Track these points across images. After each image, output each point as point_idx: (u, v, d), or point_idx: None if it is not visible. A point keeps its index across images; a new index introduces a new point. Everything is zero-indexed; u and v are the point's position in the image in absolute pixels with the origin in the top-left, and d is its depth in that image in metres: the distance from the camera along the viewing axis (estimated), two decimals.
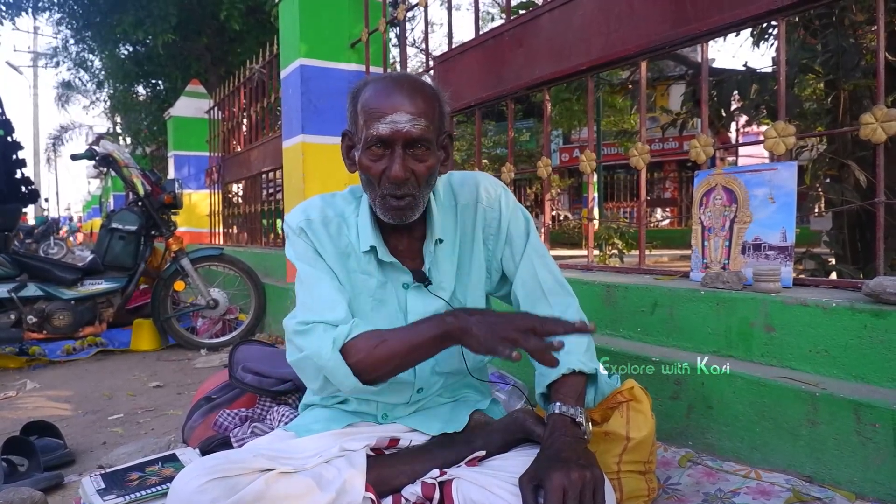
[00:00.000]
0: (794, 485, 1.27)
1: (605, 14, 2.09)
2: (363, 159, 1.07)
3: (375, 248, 1.15)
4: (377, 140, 1.04)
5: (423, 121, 1.05)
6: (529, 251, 1.22)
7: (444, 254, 1.20)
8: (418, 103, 1.05)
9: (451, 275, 1.21)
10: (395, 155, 1.04)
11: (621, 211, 16.07)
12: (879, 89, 1.51)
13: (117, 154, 3.64)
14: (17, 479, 1.63)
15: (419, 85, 1.08)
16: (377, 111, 1.04)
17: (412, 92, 1.06)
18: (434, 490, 1.04)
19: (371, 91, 1.08)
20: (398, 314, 1.18)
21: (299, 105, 3.57)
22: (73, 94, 17.87)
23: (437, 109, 1.09)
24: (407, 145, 1.05)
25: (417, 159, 1.06)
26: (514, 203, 1.25)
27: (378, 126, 1.03)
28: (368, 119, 1.05)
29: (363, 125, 1.06)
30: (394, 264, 1.16)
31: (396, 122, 1.03)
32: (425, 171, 1.07)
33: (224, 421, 1.71)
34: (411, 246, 1.19)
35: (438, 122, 1.10)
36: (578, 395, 1.09)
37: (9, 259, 3.35)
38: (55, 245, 8.75)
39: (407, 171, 1.05)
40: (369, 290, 1.17)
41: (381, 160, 1.06)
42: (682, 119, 4.24)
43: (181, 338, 3.67)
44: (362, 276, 1.17)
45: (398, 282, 1.18)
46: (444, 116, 1.13)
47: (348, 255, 1.18)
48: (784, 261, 1.58)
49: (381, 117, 1.03)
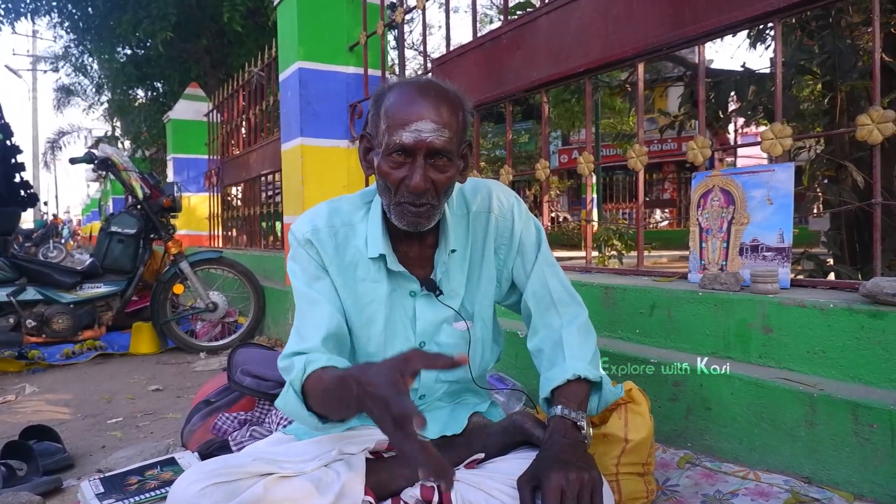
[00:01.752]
0: (792, 486, 1.27)
1: (602, 16, 2.09)
2: (383, 165, 1.05)
3: (384, 256, 1.14)
4: (399, 148, 1.01)
5: (447, 132, 1.02)
6: (541, 261, 1.23)
7: (456, 263, 1.19)
8: (443, 113, 1.02)
9: (461, 283, 1.20)
10: (416, 164, 1.02)
11: (620, 212, 16.07)
12: (876, 90, 1.51)
13: (116, 157, 3.65)
14: (15, 483, 1.63)
15: (445, 93, 1.06)
16: (401, 118, 1.01)
17: (438, 101, 1.03)
18: (433, 493, 1.04)
19: (396, 96, 1.05)
20: (407, 322, 1.18)
21: (298, 108, 3.58)
22: (72, 98, 17.89)
23: (461, 119, 1.07)
24: (429, 155, 1.02)
25: (438, 170, 1.04)
26: (527, 213, 1.25)
27: (402, 134, 1.01)
28: (391, 125, 1.02)
29: (385, 130, 1.03)
30: (402, 273, 1.15)
31: (420, 132, 1.00)
32: (445, 181, 1.05)
33: (223, 424, 1.71)
34: (422, 253, 1.18)
35: (461, 133, 1.08)
36: (581, 400, 1.09)
37: (8, 263, 3.35)
38: (54, 248, 8.74)
39: (427, 181, 1.02)
40: (380, 298, 1.16)
41: (402, 168, 1.03)
42: (680, 120, 4.24)
43: (180, 341, 3.67)
44: (371, 284, 1.16)
45: (405, 290, 1.18)
46: (466, 126, 1.10)
47: (356, 264, 1.16)
48: (782, 262, 1.58)
49: (405, 125, 1.01)
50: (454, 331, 1.20)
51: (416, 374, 0.80)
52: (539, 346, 1.20)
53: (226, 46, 9.37)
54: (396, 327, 1.17)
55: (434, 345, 1.19)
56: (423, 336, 1.19)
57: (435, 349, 1.18)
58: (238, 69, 5.71)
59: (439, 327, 1.19)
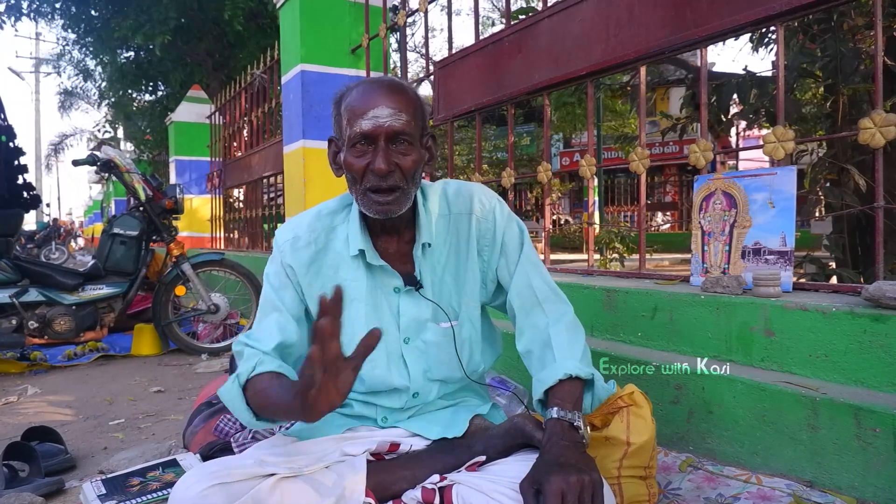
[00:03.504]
0: (794, 490, 1.27)
1: (604, 19, 2.10)
2: (348, 157, 1.10)
3: (363, 252, 1.16)
4: (360, 136, 1.07)
5: (404, 115, 1.07)
6: (524, 261, 1.23)
7: (436, 259, 1.21)
8: (398, 99, 1.08)
9: (444, 279, 1.21)
10: (378, 149, 1.07)
11: (622, 215, 16.07)
12: (878, 94, 1.51)
13: (119, 159, 3.65)
14: (18, 484, 1.63)
15: (399, 84, 1.12)
16: (359, 109, 1.07)
17: (392, 90, 1.09)
18: (434, 495, 1.04)
19: (353, 93, 1.11)
20: (391, 319, 1.19)
21: (300, 110, 3.59)
22: (74, 101, 17.94)
23: (417, 108, 1.12)
24: (390, 139, 1.07)
25: (401, 153, 1.08)
26: (509, 214, 1.26)
27: (361, 122, 1.06)
28: (351, 118, 1.08)
29: (346, 124, 1.09)
30: (383, 268, 1.17)
31: (378, 117, 1.06)
32: (411, 164, 1.09)
33: (225, 426, 1.71)
34: (400, 249, 1.20)
35: (420, 121, 1.13)
36: (576, 400, 1.09)
37: (10, 264, 3.36)
38: (56, 250, 8.76)
39: (391, 164, 1.07)
40: (360, 296, 1.18)
41: (365, 156, 1.08)
42: (682, 123, 4.24)
43: (182, 343, 3.67)
44: (353, 283, 1.18)
45: (388, 286, 1.19)
46: (424, 116, 1.15)
47: (337, 266, 1.19)
48: (784, 265, 1.58)
49: (363, 114, 1.06)
50: (439, 329, 1.20)
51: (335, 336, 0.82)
52: (528, 347, 1.20)
53: (228, 49, 9.40)
54: (381, 324, 1.18)
55: (420, 342, 1.20)
56: (408, 332, 1.19)
57: (421, 346, 1.20)
58: (240, 71, 5.72)
59: (423, 325, 1.20)
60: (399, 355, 1.19)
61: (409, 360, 1.19)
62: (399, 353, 1.19)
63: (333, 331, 0.80)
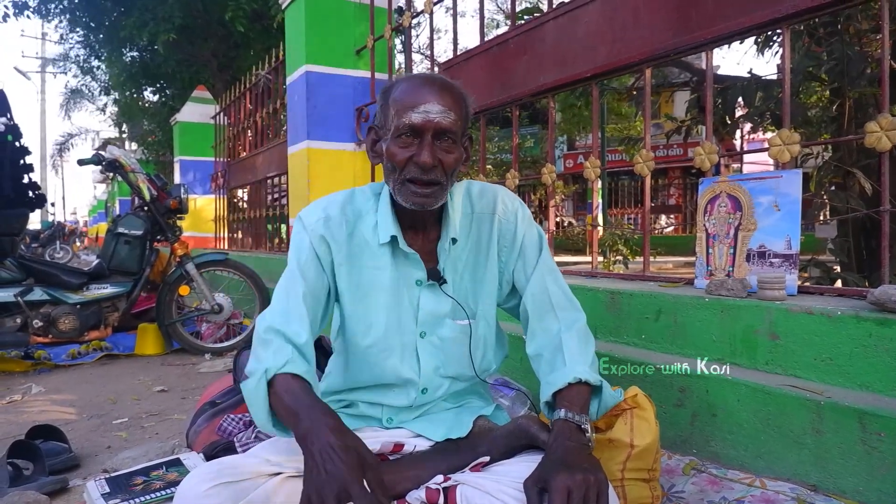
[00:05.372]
0: (798, 493, 1.26)
1: (609, 22, 2.10)
2: (391, 147, 1.10)
3: (394, 241, 1.16)
4: (408, 128, 1.08)
5: (452, 114, 1.09)
6: (541, 265, 1.24)
7: (457, 256, 1.22)
8: (448, 99, 1.09)
9: (463, 277, 1.22)
10: (424, 143, 1.08)
11: (626, 217, 16.05)
12: (884, 97, 1.51)
13: (124, 159, 3.67)
14: (22, 482, 1.64)
15: (450, 84, 1.14)
16: (410, 102, 1.08)
17: (444, 88, 1.11)
18: (438, 495, 1.04)
19: (404, 85, 1.12)
20: (410, 311, 1.19)
21: (304, 111, 3.59)
22: (80, 101, 18.01)
23: (464, 109, 1.14)
24: (436, 136, 1.09)
25: (445, 150, 1.10)
26: (530, 218, 1.28)
27: (410, 115, 1.07)
28: (400, 109, 1.09)
29: (394, 115, 1.10)
30: (410, 257, 1.18)
31: (428, 112, 1.07)
32: (453, 161, 1.11)
33: (228, 426, 1.72)
34: (425, 246, 1.20)
35: (464, 122, 1.14)
36: (583, 404, 1.09)
37: (15, 263, 3.37)
38: (61, 249, 8.78)
39: (435, 158, 1.08)
40: (382, 286, 1.18)
41: (410, 148, 1.09)
42: (687, 126, 4.24)
43: (186, 342, 3.68)
44: (375, 271, 1.18)
45: (411, 279, 1.19)
46: (468, 119, 1.17)
47: (362, 252, 1.19)
48: (789, 268, 1.58)
49: (413, 107, 1.08)
50: (456, 325, 1.21)
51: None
52: (538, 350, 1.20)
53: (232, 49, 9.43)
54: (401, 316, 1.18)
55: (435, 337, 1.20)
56: (425, 327, 1.20)
57: (436, 342, 1.20)
58: (245, 72, 5.74)
59: (441, 321, 1.20)
60: (413, 349, 1.20)
61: (423, 355, 1.20)
62: (413, 346, 1.20)
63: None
